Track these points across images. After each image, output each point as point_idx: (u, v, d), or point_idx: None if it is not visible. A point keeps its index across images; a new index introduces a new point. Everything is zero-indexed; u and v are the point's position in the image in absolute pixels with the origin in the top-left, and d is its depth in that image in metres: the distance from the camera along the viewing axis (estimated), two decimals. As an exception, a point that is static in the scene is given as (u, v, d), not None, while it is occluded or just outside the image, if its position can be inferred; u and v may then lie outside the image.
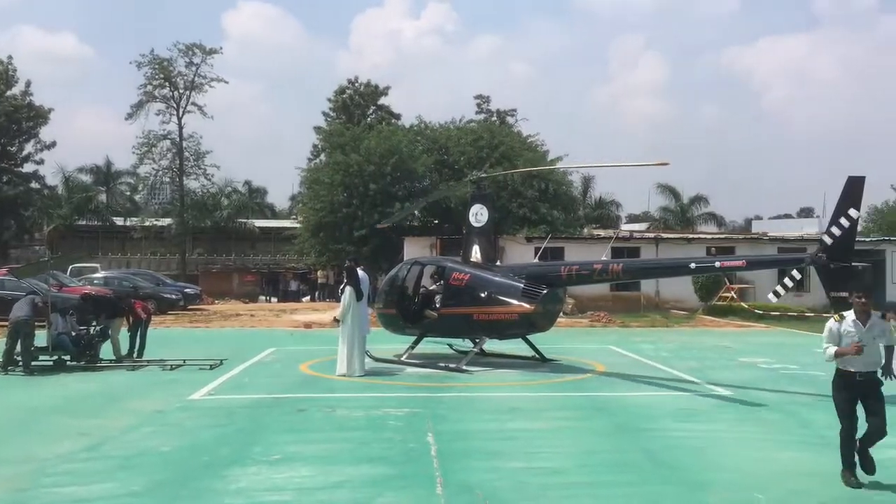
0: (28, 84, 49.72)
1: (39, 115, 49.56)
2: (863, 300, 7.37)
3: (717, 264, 15.56)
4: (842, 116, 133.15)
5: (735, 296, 30.28)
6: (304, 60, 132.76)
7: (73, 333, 14.75)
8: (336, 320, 14.34)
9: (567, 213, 39.94)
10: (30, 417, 10.09)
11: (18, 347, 14.23)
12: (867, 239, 37.17)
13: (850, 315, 7.36)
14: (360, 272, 14.50)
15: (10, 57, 49.74)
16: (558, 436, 9.19)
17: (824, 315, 23.05)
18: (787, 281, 13.06)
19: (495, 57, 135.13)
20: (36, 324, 14.55)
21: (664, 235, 36.80)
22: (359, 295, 14.05)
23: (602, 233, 40.99)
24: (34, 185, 50.67)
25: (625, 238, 33.76)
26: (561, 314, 17.67)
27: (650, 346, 19.18)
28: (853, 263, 12.47)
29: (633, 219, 67.03)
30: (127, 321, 15.63)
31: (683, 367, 15.21)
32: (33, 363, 14.27)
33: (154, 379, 13.47)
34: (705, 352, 18.24)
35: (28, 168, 50.28)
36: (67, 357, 14.68)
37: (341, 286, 14.59)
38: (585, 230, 42.98)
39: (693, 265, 15.27)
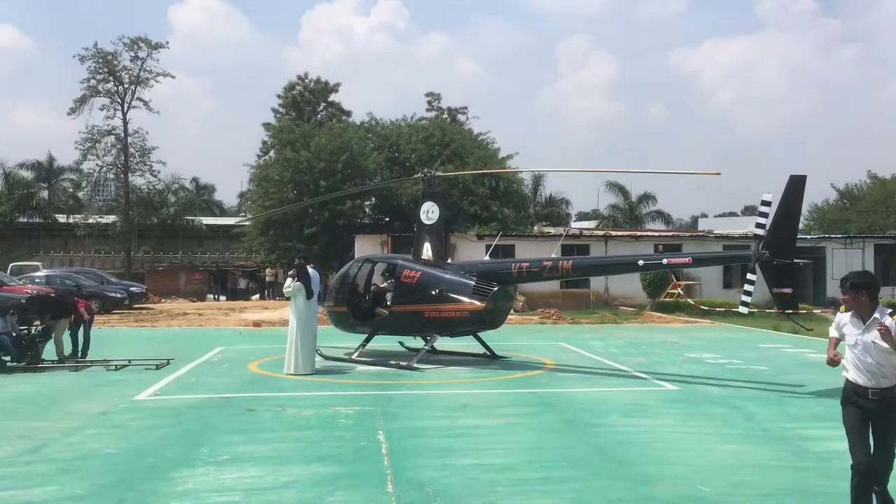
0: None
1: (-24, 109, 48.07)
2: (854, 292, 5.83)
3: (665, 261, 15.81)
4: (785, 117, 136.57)
5: (682, 292, 30.85)
6: (252, 56, 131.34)
7: (14, 334, 14.34)
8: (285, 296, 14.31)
9: (518, 210, 40.26)
10: (-33, 421, 9.78)
11: None
12: (808, 237, 38.21)
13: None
14: (310, 270, 14.40)
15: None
16: (508, 432, 9.24)
17: (767, 311, 23.65)
18: (747, 287, 13.22)
19: (446, 55, 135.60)
20: None
21: (613, 233, 37.33)
22: (309, 293, 13.94)
23: (552, 230, 41.40)
24: (-28, 181, 49.21)
25: (574, 236, 34.12)
26: (512, 311, 17.78)
27: (599, 343, 19.40)
28: (795, 260, 12.81)
29: (582, 217, 67.96)
30: (70, 321, 15.27)
31: (632, 363, 15.43)
32: None
33: (98, 380, 13.18)
34: (653, 347, 18.52)
35: (-35, 164, 48.85)
36: (8, 358, 14.28)
37: (286, 284, 14.46)
38: (536, 228, 43.35)
39: (641, 262, 15.51)
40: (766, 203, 12.84)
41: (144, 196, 49.94)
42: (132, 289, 34.74)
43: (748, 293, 13.25)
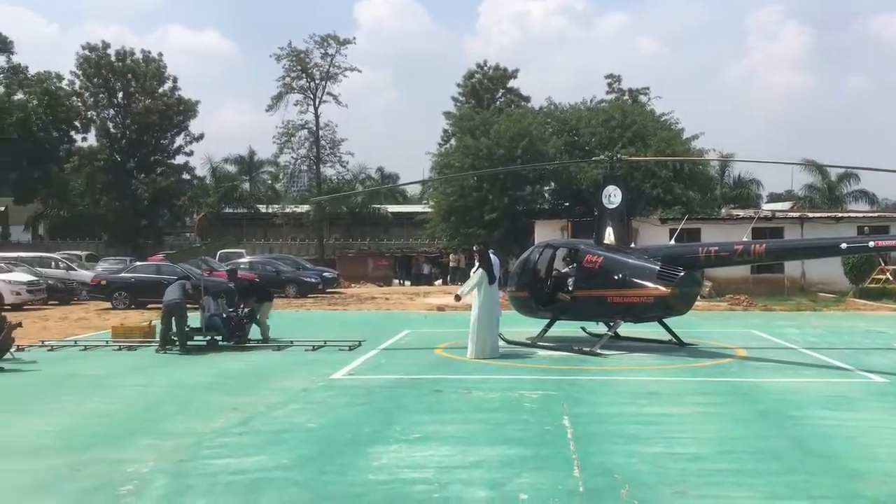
0: (176, 80, 52.94)
1: (188, 110, 52.65)
2: None
3: (871, 244, 14.59)
4: None
5: (891, 277, 28.40)
6: (431, 46, 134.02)
7: (224, 315, 15.63)
8: (457, 297, 14.43)
9: (703, 193, 38.58)
10: (189, 394, 10.77)
11: (173, 328, 15.22)
12: None
13: None
14: (491, 255, 14.61)
15: (160, 55, 53.03)
16: (698, 421, 8.96)
17: None
18: None
19: (625, 34, 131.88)
20: (188, 306, 15.53)
21: (810, 215, 34.94)
22: (491, 278, 14.14)
23: (741, 213, 39.42)
24: (185, 175, 53.90)
25: (766, 218, 32.26)
26: (698, 297, 17.16)
27: (795, 331, 18.32)
28: None
29: (774, 198, 63.95)
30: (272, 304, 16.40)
31: (832, 353, 14.45)
32: (188, 343, 15.26)
33: (298, 359, 14.09)
34: (856, 336, 17.25)
35: (179, 160, 53.60)
36: (219, 337, 15.59)
37: (473, 269, 14.68)
38: (723, 211, 41.45)
39: (844, 245, 14.42)
40: None
41: (334, 186, 52.60)
42: (325, 274, 36.69)
43: None
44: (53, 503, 6.08)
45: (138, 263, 30.80)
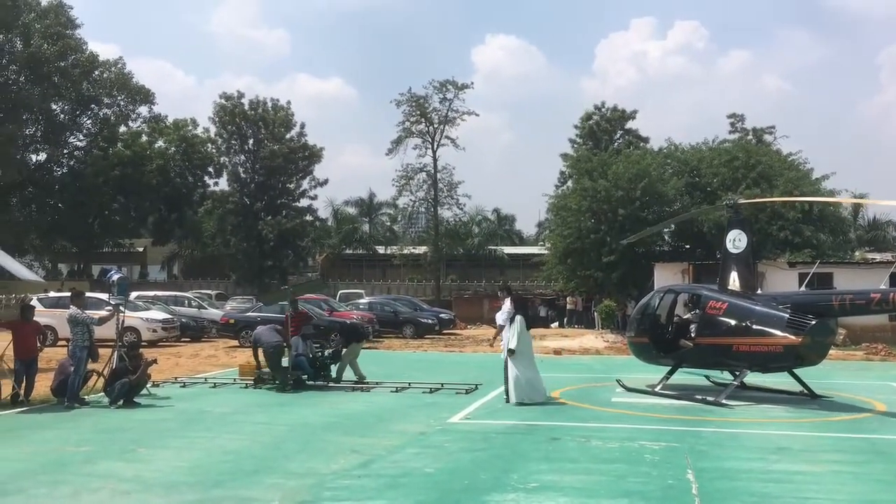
0: (303, 126, 55.23)
1: (313, 155, 54.81)
2: None
3: None
4: None
5: None
6: (547, 88, 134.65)
7: (310, 355, 16.17)
8: (511, 351, 13.91)
9: (835, 235, 36.76)
10: (310, 434, 11.05)
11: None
12: None
13: None
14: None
15: (288, 102, 55.60)
16: (834, 481, 8.44)
17: None
18: None
19: (748, 72, 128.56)
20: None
21: (955, 258, 32.64)
22: (526, 324, 14.02)
23: (877, 257, 37.28)
24: (308, 217, 55.91)
25: (906, 262, 30.35)
26: (832, 346, 16.29)
27: (942, 384, 17.06)
28: None
29: (914, 240, 60.10)
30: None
31: None
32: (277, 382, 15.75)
33: (415, 401, 14.22)
34: None
35: (303, 203, 55.72)
36: (305, 377, 16.06)
37: (504, 313, 14.48)
38: (857, 254, 39.32)
39: None
40: None
41: (451, 227, 53.33)
42: (441, 315, 37.04)
43: None
44: (186, 538, 6.34)
45: (262, 303, 32.00)
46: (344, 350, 16.98)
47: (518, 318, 14.04)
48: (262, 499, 7.46)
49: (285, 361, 16.01)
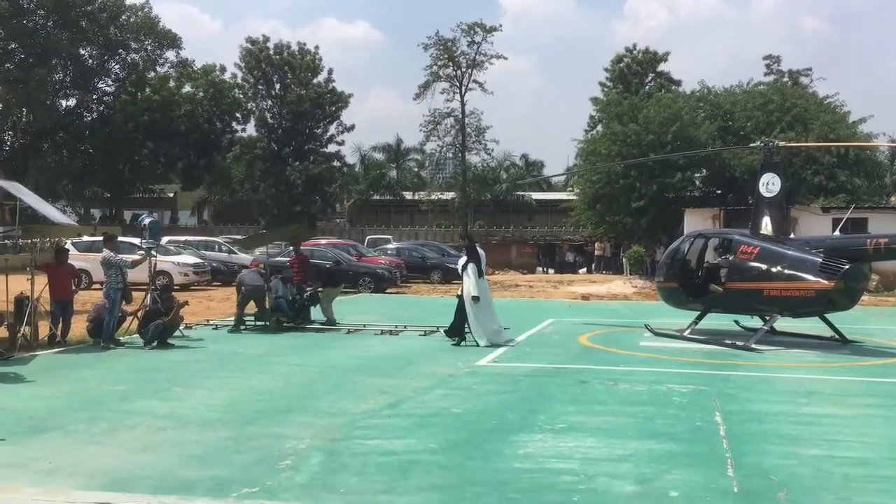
0: (330, 72, 54.92)
1: (341, 100, 54.56)
2: None
3: None
4: None
5: None
6: (577, 31, 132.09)
7: (290, 298, 16.49)
8: (475, 298, 13.96)
9: (871, 180, 36.07)
10: (340, 375, 11.19)
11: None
12: None
13: None
14: (478, 249, 14.59)
15: (316, 47, 55.17)
16: (864, 424, 8.41)
17: None
18: None
19: (785, 12, 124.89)
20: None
21: None
22: (480, 271, 14.13)
23: (914, 201, 36.56)
24: (336, 163, 55.90)
25: (943, 207, 29.75)
26: (864, 292, 16.10)
27: (976, 331, 16.85)
28: None
29: (953, 185, 58.79)
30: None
31: None
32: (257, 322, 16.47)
33: (443, 345, 14.31)
34: None
35: (331, 148, 55.65)
36: (285, 319, 16.42)
37: (460, 263, 14.63)
38: (893, 199, 38.59)
39: None
40: None
41: (479, 173, 53.06)
42: (469, 261, 36.99)
43: None
44: (222, 472, 6.48)
45: (292, 248, 32.23)
46: (321, 293, 17.36)
47: (471, 265, 14.13)
48: (294, 436, 7.60)
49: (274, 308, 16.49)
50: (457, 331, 14.26)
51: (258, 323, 16.54)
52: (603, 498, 6.00)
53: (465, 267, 14.27)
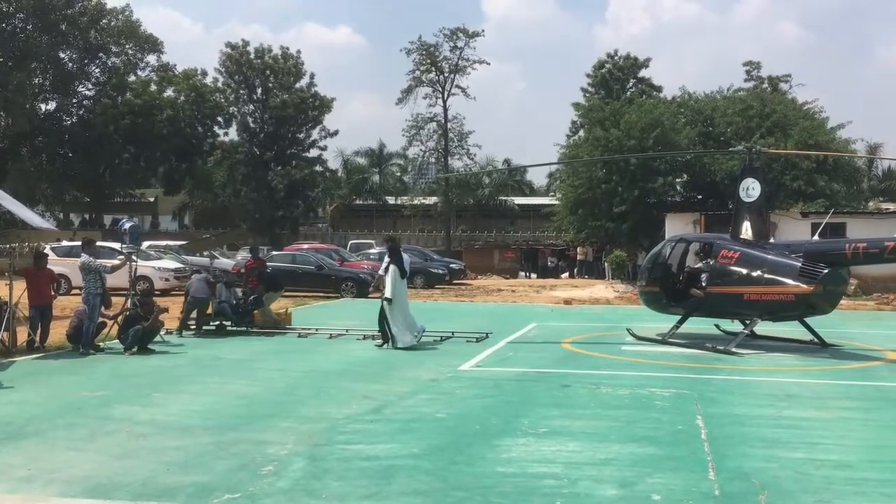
0: (312, 76, 54.86)
1: (323, 105, 54.45)
2: None
3: None
4: None
5: None
6: (559, 36, 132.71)
7: (234, 302, 16.69)
8: (387, 300, 14.37)
9: (849, 185, 36.46)
10: (323, 380, 11.16)
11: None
12: None
13: None
14: (402, 252, 14.92)
15: (298, 51, 55.08)
16: (843, 427, 8.48)
17: None
18: None
19: (764, 19, 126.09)
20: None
21: (970, 208, 32.36)
22: (402, 273, 14.45)
23: (891, 207, 37.03)
24: (318, 168, 55.78)
25: (920, 212, 30.10)
26: (843, 296, 16.25)
27: (953, 334, 17.05)
28: None
29: (929, 190, 59.52)
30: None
31: None
32: (203, 328, 16.54)
33: (426, 350, 14.31)
34: None
35: (313, 153, 55.53)
36: (228, 323, 16.62)
37: (383, 266, 14.98)
38: (871, 204, 39.04)
39: None
40: None
41: (462, 178, 53.08)
42: (452, 265, 37.08)
43: None
44: (203, 478, 6.43)
45: (275, 253, 32.12)
46: (265, 297, 17.44)
47: (392, 268, 14.42)
48: (276, 441, 7.56)
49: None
50: (384, 334, 14.55)
51: (205, 328, 16.68)
52: (586, 501, 6.01)
53: (387, 268, 14.62)
